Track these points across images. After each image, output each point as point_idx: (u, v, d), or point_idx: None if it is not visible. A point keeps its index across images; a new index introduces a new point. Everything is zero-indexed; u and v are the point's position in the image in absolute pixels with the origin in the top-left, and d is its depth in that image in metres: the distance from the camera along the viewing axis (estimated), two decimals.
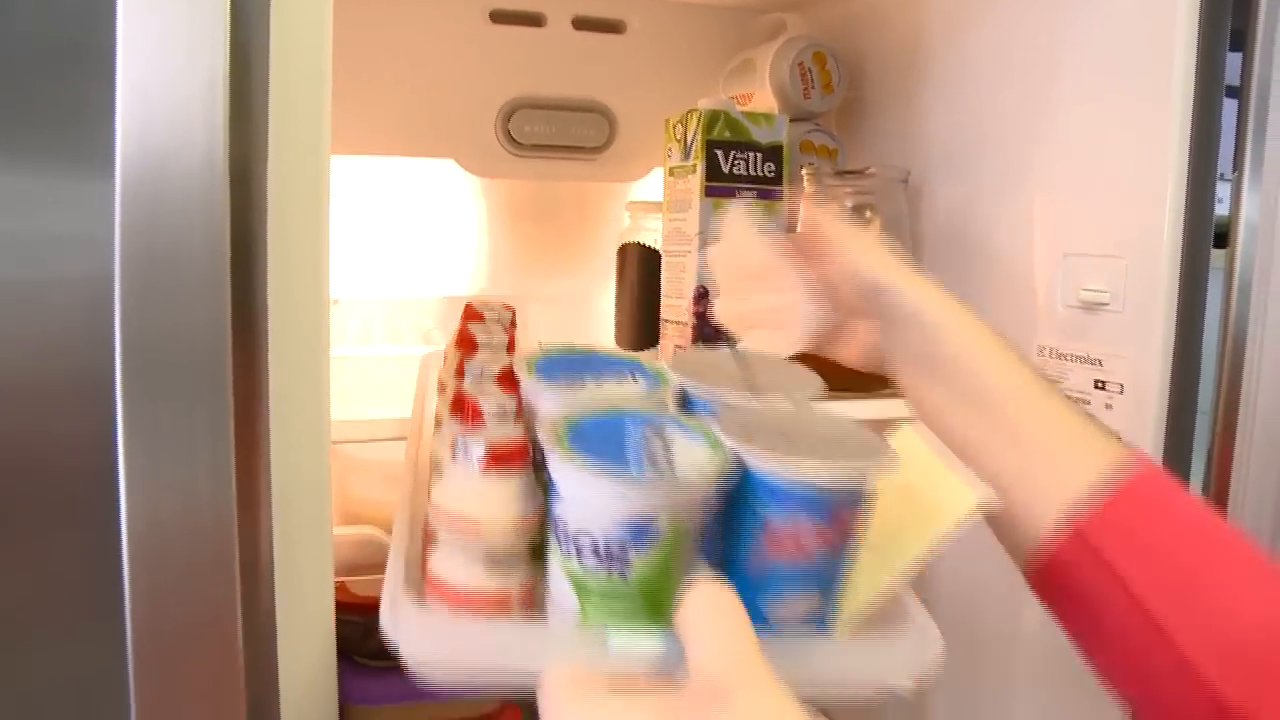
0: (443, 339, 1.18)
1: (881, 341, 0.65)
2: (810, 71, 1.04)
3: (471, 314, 0.76)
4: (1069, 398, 0.59)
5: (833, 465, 0.42)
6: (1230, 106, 0.73)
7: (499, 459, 0.46)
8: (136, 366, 0.43)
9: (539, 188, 1.20)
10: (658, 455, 0.44)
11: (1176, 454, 0.75)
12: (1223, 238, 0.74)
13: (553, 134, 1.14)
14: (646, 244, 1.05)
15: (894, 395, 0.89)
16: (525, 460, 0.47)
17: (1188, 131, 0.72)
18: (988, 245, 0.90)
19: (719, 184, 0.92)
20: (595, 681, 0.39)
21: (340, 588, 0.86)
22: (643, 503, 0.41)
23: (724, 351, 0.60)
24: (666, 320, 0.98)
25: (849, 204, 0.93)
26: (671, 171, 0.97)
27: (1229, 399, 0.74)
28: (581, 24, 1.15)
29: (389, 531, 0.90)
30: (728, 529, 0.45)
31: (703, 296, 0.93)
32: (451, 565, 0.45)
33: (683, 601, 0.40)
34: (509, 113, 1.13)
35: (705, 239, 0.91)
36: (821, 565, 0.45)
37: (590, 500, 0.43)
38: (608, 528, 0.42)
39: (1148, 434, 0.75)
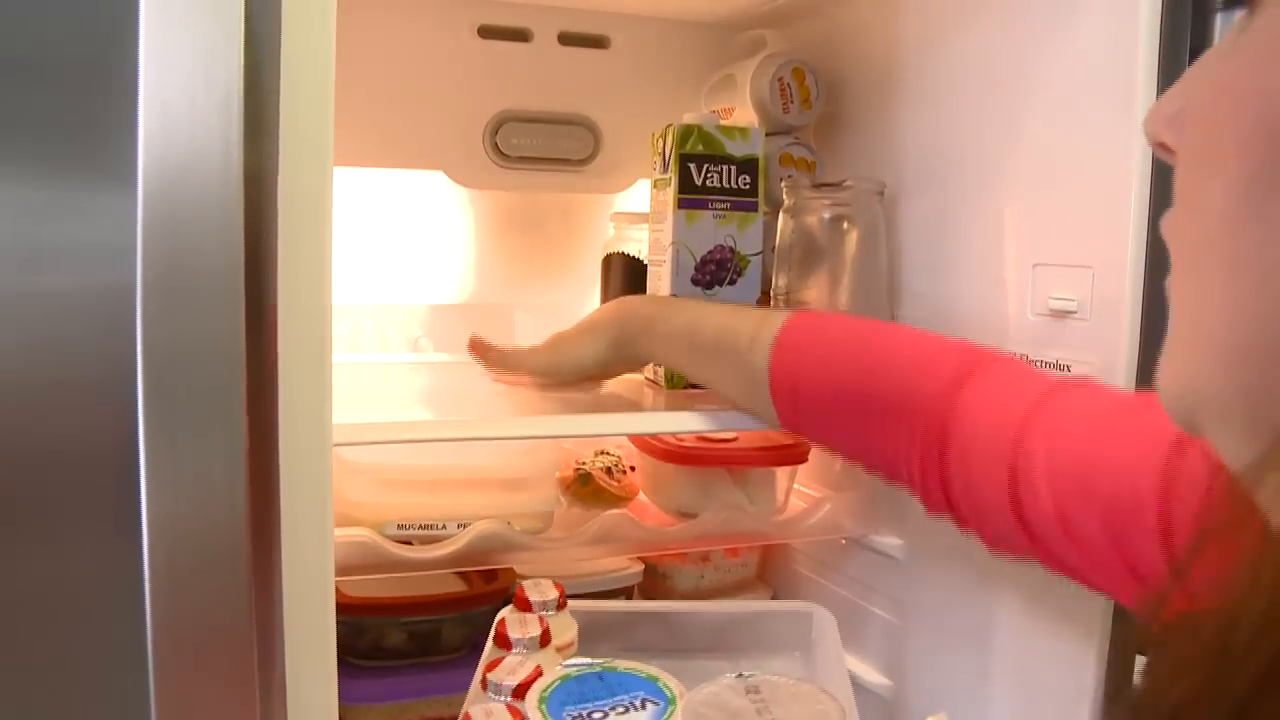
0: (430, 346, 1.20)
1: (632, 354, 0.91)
2: (789, 87, 1.07)
3: (521, 601, 0.84)
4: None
5: None
6: None
7: None
8: (157, 368, 0.45)
9: (525, 199, 1.22)
10: None
11: None
12: None
13: (539, 146, 1.17)
14: (630, 254, 1.08)
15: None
16: None
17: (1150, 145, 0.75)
18: (960, 255, 0.92)
19: (692, 196, 0.95)
20: None
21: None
22: None
23: (735, 685, 0.65)
24: None
25: (826, 215, 0.96)
26: (654, 184, 1.00)
27: None
28: (567, 39, 1.18)
29: (381, 534, 0.92)
30: None
31: None
32: None
33: None
34: (496, 126, 1.15)
35: (678, 249, 0.94)
36: None
37: None
38: None
39: None
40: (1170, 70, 0.74)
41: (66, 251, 0.46)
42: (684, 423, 0.88)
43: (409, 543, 0.94)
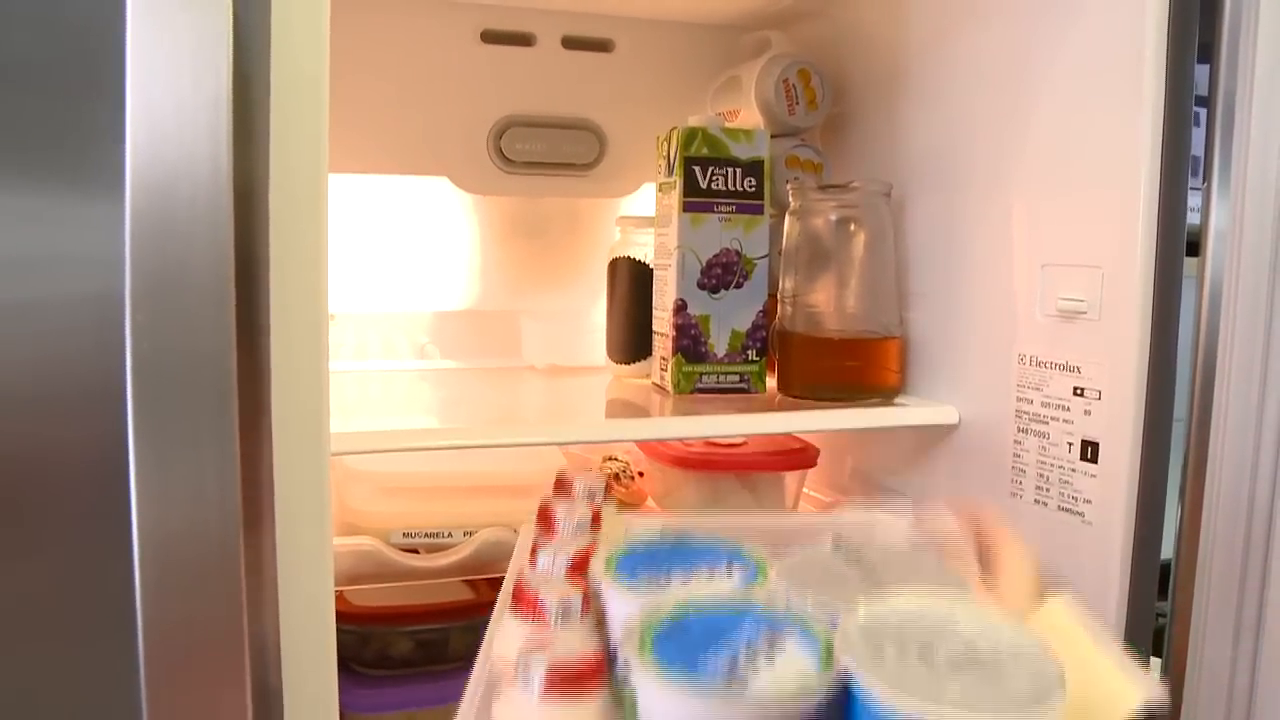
0: (436, 353, 1.20)
1: None
2: (795, 88, 1.06)
3: (561, 485, 0.70)
4: None
5: (986, 715, 0.34)
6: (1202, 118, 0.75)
7: (562, 682, 0.41)
8: (145, 380, 0.45)
9: (531, 204, 1.22)
10: (750, 663, 0.39)
11: (1153, 459, 0.77)
12: (1195, 246, 0.76)
13: (544, 151, 1.16)
14: (636, 258, 1.07)
15: (882, 403, 0.91)
16: (594, 680, 0.43)
17: (1159, 143, 0.74)
18: (968, 256, 0.92)
19: (697, 199, 0.94)
20: None
21: (338, 598, 0.87)
22: (702, 714, 0.37)
23: (827, 549, 0.54)
24: (657, 333, 1.00)
25: (833, 217, 0.95)
26: (659, 187, 0.99)
27: (1202, 404, 0.76)
28: (571, 43, 1.17)
29: (386, 542, 0.91)
30: None
31: (682, 308, 0.94)
32: None
33: None
34: (500, 131, 1.15)
35: (684, 253, 0.93)
36: None
37: (660, 713, 0.38)
38: None
39: (1125, 439, 0.76)
40: (1178, 66, 0.73)
41: (53, 261, 0.46)
42: (692, 428, 0.88)
43: (415, 550, 0.94)
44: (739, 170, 0.95)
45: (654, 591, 0.47)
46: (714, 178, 0.94)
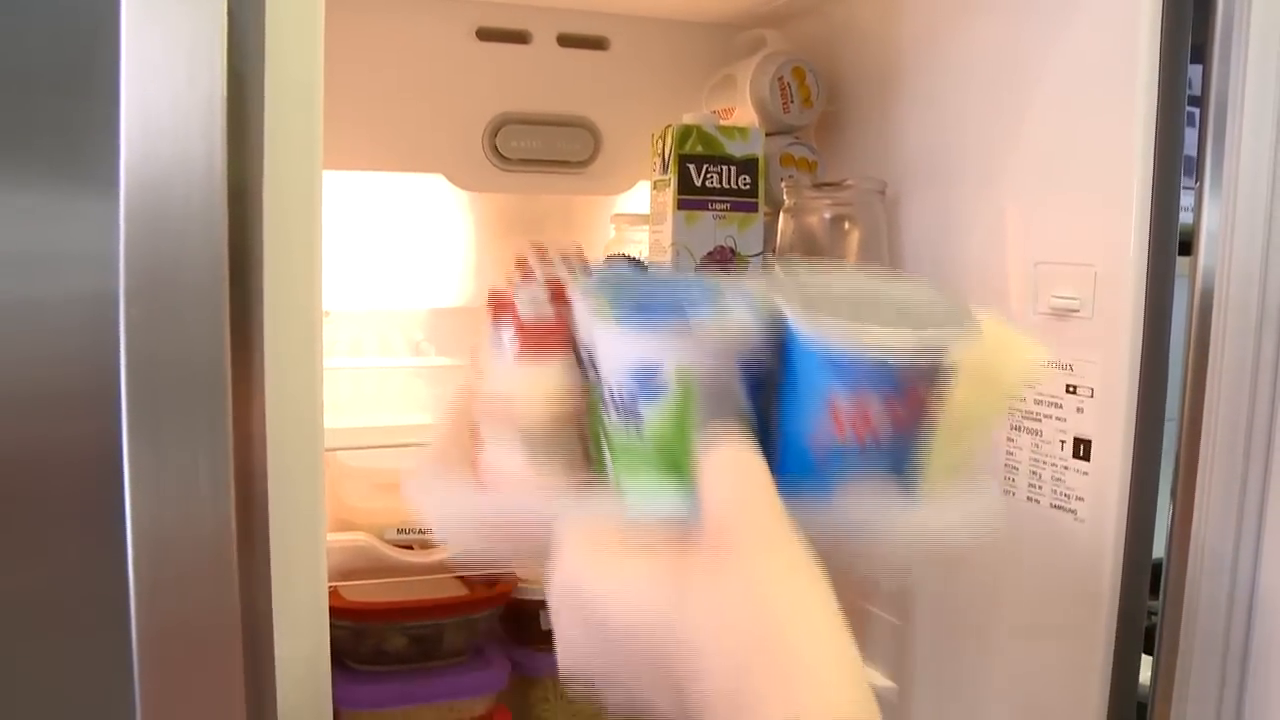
0: (432, 350, 1.20)
1: None
2: (789, 86, 1.06)
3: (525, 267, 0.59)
4: None
5: (905, 334, 0.38)
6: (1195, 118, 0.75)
7: (530, 338, 0.44)
8: (139, 377, 0.45)
9: (526, 201, 1.22)
10: (696, 313, 0.41)
11: (1145, 457, 0.77)
12: (1187, 245, 0.76)
13: (539, 149, 1.16)
14: (631, 256, 1.07)
15: None
16: (560, 340, 0.44)
17: (1152, 142, 0.74)
18: (962, 254, 0.92)
19: (691, 197, 0.94)
20: (607, 536, 0.38)
21: (333, 593, 0.88)
22: (647, 348, 0.40)
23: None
24: None
25: (828, 215, 0.95)
26: (654, 185, 0.99)
27: (1194, 403, 0.76)
28: (566, 41, 1.17)
29: (380, 538, 0.92)
30: (788, 405, 0.42)
31: None
32: (494, 455, 0.44)
33: (703, 460, 0.38)
34: (496, 128, 1.15)
35: (678, 250, 0.93)
36: (893, 446, 0.41)
37: (604, 347, 0.41)
38: (620, 376, 0.41)
39: (1118, 437, 0.77)
40: (1171, 66, 0.74)
41: (47, 258, 0.46)
42: None
43: (409, 547, 0.94)
44: (733, 168, 0.95)
45: (677, 331, 0.43)
46: (708, 175, 0.94)
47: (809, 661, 0.34)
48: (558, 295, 0.47)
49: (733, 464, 0.38)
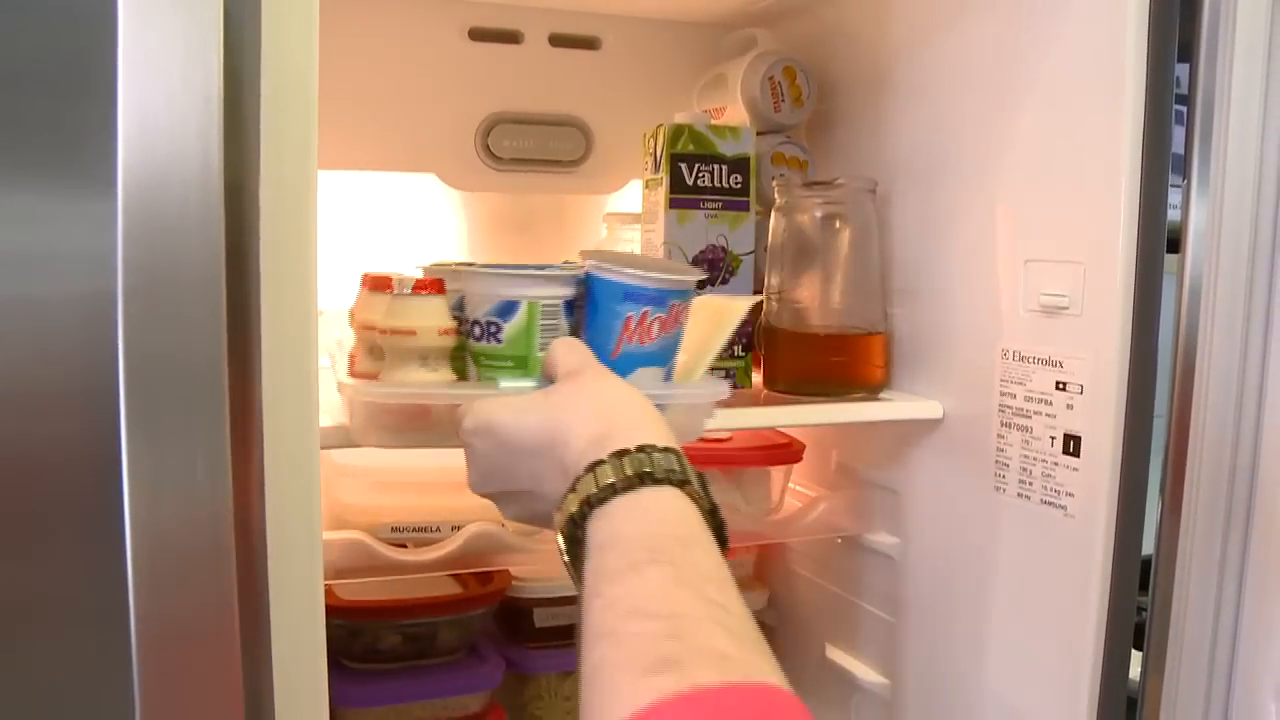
0: None
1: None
2: (780, 85, 1.07)
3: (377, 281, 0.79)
4: None
5: (668, 273, 0.66)
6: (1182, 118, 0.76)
7: (424, 285, 0.67)
8: (137, 376, 0.45)
9: (518, 200, 1.22)
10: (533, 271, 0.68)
11: (1134, 452, 0.78)
12: (1175, 243, 0.77)
13: (531, 148, 1.17)
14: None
15: (867, 398, 0.92)
16: (442, 289, 0.68)
17: (1140, 141, 0.75)
18: (952, 252, 0.92)
19: (683, 195, 0.94)
20: (498, 399, 0.61)
21: (327, 592, 0.88)
22: (508, 289, 0.67)
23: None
24: None
25: (819, 214, 0.96)
26: (646, 184, 0.99)
27: (1182, 399, 0.77)
28: (558, 41, 1.18)
29: (375, 536, 0.92)
30: (593, 324, 0.68)
31: None
32: (394, 369, 0.67)
33: (553, 345, 0.64)
34: (488, 128, 1.15)
35: (670, 249, 0.94)
36: (661, 345, 0.68)
37: (478, 292, 0.67)
38: (486, 306, 0.67)
39: (1107, 433, 0.77)
40: (1159, 64, 0.74)
41: (44, 258, 0.46)
42: None
43: (403, 545, 0.94)
44: (725, 167, 0.95)
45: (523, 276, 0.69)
46: (700, 174, 0.95)
47: (648, 417, 0.57)
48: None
49: (571, 343, 0.65)
